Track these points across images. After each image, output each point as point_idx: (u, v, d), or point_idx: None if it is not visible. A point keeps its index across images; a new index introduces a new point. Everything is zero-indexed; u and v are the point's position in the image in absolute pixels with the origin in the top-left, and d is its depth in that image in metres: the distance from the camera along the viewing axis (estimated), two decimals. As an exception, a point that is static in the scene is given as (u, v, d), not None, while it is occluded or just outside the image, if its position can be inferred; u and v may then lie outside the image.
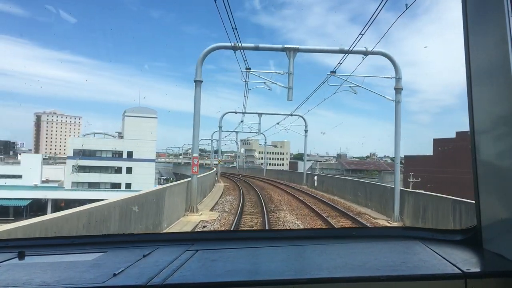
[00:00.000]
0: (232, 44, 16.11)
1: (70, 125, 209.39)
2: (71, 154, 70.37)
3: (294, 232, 2.53)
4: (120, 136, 75.25)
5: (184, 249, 1.72)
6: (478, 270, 1.43)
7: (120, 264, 1.53)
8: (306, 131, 39.33)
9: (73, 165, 65.38)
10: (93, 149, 70.26)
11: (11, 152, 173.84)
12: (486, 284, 1.35)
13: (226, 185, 31.08)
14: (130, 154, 74.03)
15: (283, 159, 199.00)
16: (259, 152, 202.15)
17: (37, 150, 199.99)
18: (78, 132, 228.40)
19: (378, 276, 1.36)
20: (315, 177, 30.02)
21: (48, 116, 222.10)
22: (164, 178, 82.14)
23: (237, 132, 55.88)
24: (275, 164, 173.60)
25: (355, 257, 1.62)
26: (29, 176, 63.16)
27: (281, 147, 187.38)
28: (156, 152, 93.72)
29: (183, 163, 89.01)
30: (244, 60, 17.76)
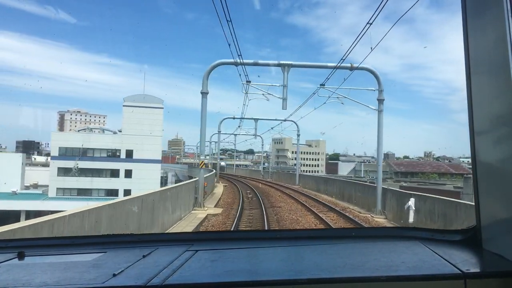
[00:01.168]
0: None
1: (94, 123, 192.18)
2: (56, 154, 40.34)
3: (294, 232, 2.61)
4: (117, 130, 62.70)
5: (183, 250, 1.77)
6: (477, 270, 1.51)
7: (120, 265, 1.58)
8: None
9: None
10: (83, 147, 39.75)
11: (36, 153, 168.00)
12: (485, 284, 1.41)
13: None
14: (129, 153, 61.11)
15: (318, 160, 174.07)
16: (293, 152, 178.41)
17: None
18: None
19: (378, 276, 1.42)
20: (410, 203, 16.36)
21: (71, 114, 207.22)
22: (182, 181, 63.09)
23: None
24: (309, 165, 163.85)
25: (355, 257, 1.67)
26: (8, 181, 51.25)
27: (316, 146, 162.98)
28: (186, 152, 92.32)
29: (195, 164, 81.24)
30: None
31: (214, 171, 37.63)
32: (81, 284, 1.41)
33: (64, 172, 51.69)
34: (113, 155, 54.11)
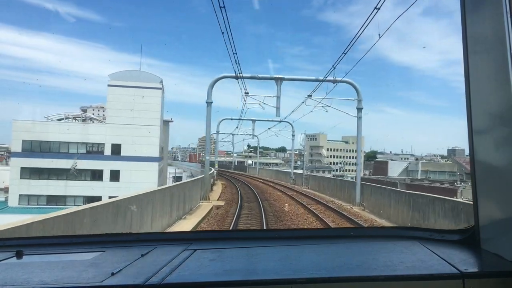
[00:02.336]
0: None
1: None
2: (19, 149, 16.60)
3: (292, 232, 2.76)
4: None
5: (182, 249, 1.83)
6: (476, 270, 1.56)
7: (118, 264, 1.64)
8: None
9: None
10: (54, 141, 16.30)
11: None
12: (483, 284, 1.46)
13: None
14: (116, 149, 47.61)
15: (355, 158, 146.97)
16: (328, 149, 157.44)
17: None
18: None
19: (376, 276, 1.46)
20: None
21: (94, 110, 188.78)
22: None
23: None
24: (346, 164, 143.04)
25: (353, 257, 1.74)
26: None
27: (353, 143, 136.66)
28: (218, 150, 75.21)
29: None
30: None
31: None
32: (79, 283, 1.46)
33: (29, 173, 34.49)
34: (95, 151, 36.64)
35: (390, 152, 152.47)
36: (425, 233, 1.89)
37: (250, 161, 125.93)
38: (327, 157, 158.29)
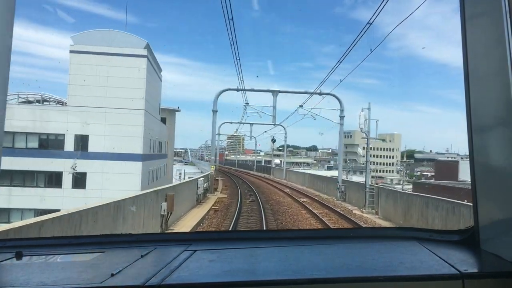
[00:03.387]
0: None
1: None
2: None
3: (292, 232, 2.74)
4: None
5: (182, 249, 1.90)
6: (475, 270, 1.64)
7: (118, 264, 1.70)
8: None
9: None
10: None
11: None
12: (483, 285, 1.52)
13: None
14: (81, 142, 33.42)
15: (393, 157, 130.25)
16: (364, 148, 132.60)
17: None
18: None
19: (376, 277, 1.52)
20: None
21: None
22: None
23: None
24: (382, 164, 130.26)
25: (353, 258, 1.82)
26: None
27: (390, 141, 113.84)
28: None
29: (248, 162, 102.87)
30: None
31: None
32: (79, 284, 1.52)
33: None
34: (52, 145, 20.30)
35: (431, 151, 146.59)
36: (424, 234, 2.02)
37: (277, 160, 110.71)
38: (363, 156, 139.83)
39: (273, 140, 66.65)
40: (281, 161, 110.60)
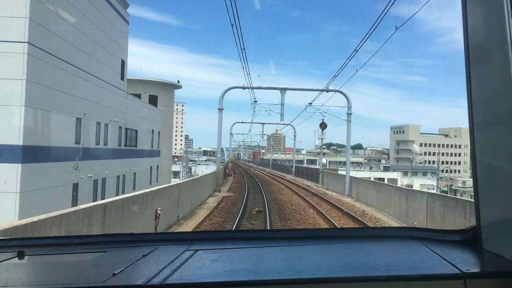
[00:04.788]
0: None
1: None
2: None
3: (294, 232, 2.69)
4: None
5: (183, 249, 1.91)
6: (477, 270, 1.64)
7: (120, 264, 1.69)
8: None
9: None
10: None
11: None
12: (485, 284, 1.52)
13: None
14: None
15: (459, 155, 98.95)
16: (422, 145, 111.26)
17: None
18: (182, 122, 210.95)
19: (378, 276, 1.52)
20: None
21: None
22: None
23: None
24: (447, 163, 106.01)
25: (355, 257, 1.83)
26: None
27: (455, 136, 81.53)
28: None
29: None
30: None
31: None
32: (81, 283, 1.53)
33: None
34: None
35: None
36: (426, 233, 2.01)
37: (323, 160, 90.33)
38: (420, 154, 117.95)
39: (323, 126, 39.19)
40: (327, 161, 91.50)
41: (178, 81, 48.38)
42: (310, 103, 36.84)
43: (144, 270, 1.58)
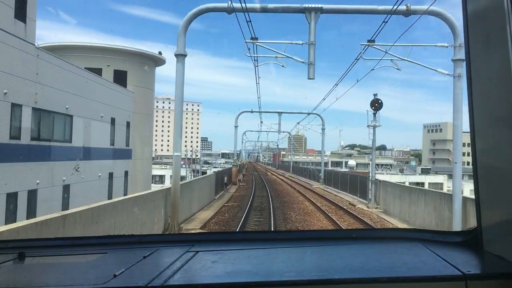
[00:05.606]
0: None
1: (186, 113, 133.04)
2: None
3: (295, 233, 2.84)
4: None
5: (184, 250, 1.89)
6: (478, 271, 1.63)
7: (121, 265, 1.70)
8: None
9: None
10: None
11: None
12: (486, 286, 1.51)
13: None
14: None
15: None
16: (464, 145, 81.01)
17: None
18: (198, 123, 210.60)
19: (379, 278, 1.51)
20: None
21: (158, 102, 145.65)
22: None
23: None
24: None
25: (356, 259, 1.80)
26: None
27: None
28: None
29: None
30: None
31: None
32: (81, 285, 1.54)
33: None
34: None
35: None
36: (427, 235, 1.99)
37: (352, 161, 79.31)
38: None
39: (377, 104, 23.41)
40: (355, 161, 79.91)
41: (160, 53, 34.47)
42: (372, 40, 17.30)
43: (145, 271, 1.57)
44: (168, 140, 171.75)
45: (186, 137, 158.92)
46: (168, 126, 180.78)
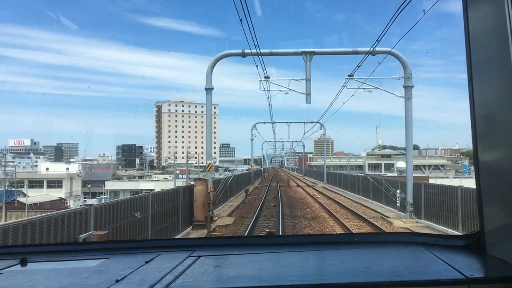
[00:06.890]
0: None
1: (196, 116, 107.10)
2: None
3: (297, 238, 2.80)
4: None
5: (186, 255, 1.92)
6: (481, 275, 1.64)
7: (123, 271, 1.73)
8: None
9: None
10: None
11: (138, 159, 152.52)
12: None
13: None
14: None
15: None
16: None
17: (158, 153, 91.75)
18: (215, 126, 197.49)
19: (381, 282, 1.53)
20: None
21: (170, 105, 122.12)
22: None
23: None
24: None
25: (358, 263, 1.83)
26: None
27: None
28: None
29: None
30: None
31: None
32: None
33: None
34: None
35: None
36: (430, 239, 2.00)
37: (400, 163, 65.61)
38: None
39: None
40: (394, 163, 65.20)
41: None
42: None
43: (147, 276, 1.57)
44: (182, 147, 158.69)
45: (202, 142, 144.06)
46: (176, 131, 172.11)
